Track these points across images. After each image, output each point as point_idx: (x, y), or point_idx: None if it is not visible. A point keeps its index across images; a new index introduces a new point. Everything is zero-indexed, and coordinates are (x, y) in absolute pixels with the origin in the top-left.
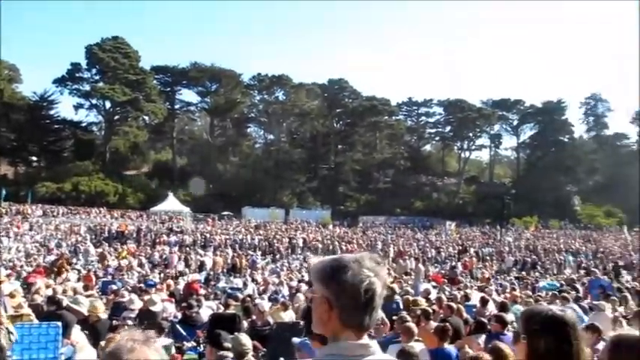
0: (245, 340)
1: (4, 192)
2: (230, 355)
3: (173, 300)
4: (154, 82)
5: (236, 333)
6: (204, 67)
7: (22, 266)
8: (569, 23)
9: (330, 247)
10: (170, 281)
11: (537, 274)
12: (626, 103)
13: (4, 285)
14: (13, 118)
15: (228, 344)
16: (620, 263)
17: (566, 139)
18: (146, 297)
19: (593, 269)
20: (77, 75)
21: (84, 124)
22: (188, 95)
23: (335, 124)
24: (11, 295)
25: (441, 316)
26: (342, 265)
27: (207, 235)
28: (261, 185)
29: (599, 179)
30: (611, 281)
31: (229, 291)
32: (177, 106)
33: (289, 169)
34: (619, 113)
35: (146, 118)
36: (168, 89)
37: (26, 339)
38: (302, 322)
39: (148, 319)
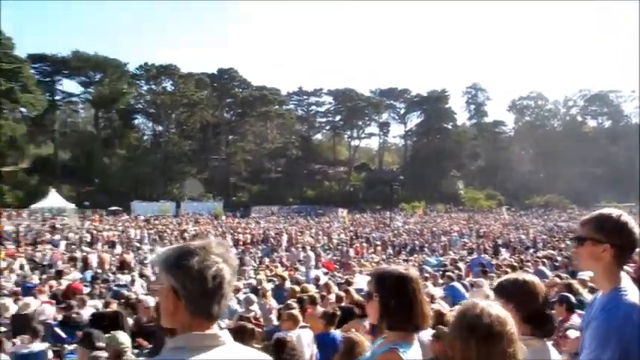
0: (123, 338)
1: None
2: (104, 355)
3: (54, 302)
4: (32, 71)
5: (112, 331)
6: (87, 55)
7: None
8: (452, 16)
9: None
10: (53, 282)
11: (424, 255)
12: (503, 93)
13: None
14: None
15: (101, 344)
16: (499, 242)
17: (449, 127)
18: (20, 301)
19: (475, 248)
20: None
21: None
22: (70, 86)
23: (225, 115)
24: None
25: (331, 301)
26: (187, 251)
27: (94, 232)
28: (150, 178)
29: (480, 164)
30: (491, 259)
31: (115, 288)
32: (58, 97)
33: (179, 162)
34: (497, 102)
35: (23, 110)
36: (48, 79)
37: None
38: None
39: (22, 324)
